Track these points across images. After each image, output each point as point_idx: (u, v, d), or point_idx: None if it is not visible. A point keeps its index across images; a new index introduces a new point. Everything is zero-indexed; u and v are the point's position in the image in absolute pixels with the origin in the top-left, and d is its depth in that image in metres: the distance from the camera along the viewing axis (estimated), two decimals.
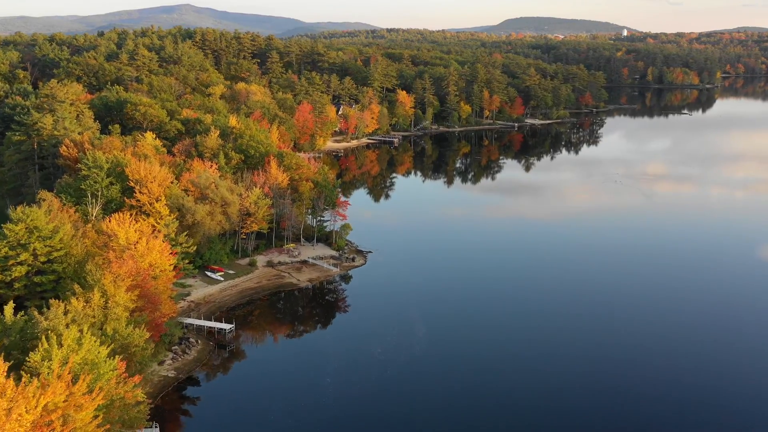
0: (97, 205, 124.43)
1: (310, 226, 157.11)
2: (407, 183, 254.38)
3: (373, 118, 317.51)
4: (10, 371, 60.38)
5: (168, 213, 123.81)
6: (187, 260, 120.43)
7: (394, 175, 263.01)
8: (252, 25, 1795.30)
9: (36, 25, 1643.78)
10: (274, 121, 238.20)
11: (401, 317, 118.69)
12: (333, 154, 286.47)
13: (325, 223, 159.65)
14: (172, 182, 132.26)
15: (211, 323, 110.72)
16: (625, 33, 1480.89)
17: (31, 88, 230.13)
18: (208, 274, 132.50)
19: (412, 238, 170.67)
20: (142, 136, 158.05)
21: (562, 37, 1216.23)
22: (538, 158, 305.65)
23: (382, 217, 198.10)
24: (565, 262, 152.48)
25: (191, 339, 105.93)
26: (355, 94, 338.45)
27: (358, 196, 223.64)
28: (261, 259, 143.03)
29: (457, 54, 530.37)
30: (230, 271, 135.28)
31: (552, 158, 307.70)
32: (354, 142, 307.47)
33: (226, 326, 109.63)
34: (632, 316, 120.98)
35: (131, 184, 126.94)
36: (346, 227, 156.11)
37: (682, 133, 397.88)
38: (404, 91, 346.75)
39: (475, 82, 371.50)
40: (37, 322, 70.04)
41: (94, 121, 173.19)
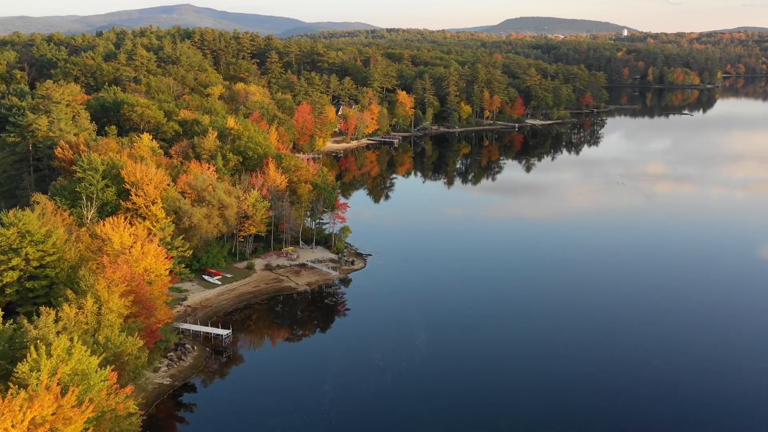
0: (93, 208, 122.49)
1: (309, 229, 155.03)
2: (407, 184, 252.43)
3: (372, 119, 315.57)
4: None
5: (164, 216, 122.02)
6: (184, 264, 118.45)
7: (394, 176, 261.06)
8: (252, 25, 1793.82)
9: (36, 25, 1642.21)
10: (273, 121, 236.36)
11: (401, 322, 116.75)
12: (332, 154, 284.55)
13: (324, 226, 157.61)
14: (169, 185, 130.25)
15: (208, 329, 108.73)
16: (626, 33, 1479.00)
17: (28, 89, 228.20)
18: (206, 278, 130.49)
19: (412, 240, 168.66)
20: (139, 137, 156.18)
21: (563, 37, 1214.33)
22: (539, 159, 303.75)
23: (381, 218, 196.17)
24: (566, 263, 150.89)
25: (187, 345, 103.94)
26: (354, 95, 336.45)
27: (358, 198, 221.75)
28: (259, 263, 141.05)
29: (457, 54, 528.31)
30: (228, 275, 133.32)
31: (553, 159, 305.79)
32: (354, 143, 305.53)
33: (223, 332, 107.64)
34: (633, 316, 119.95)
35: (127, 187, 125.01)
36: (345, 230, 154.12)
37: (683, 133, 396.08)
38: (404, 92, 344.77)
39: (475, 83, 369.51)
40: (26, 330, 68.08)
41: (91, 123, 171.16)
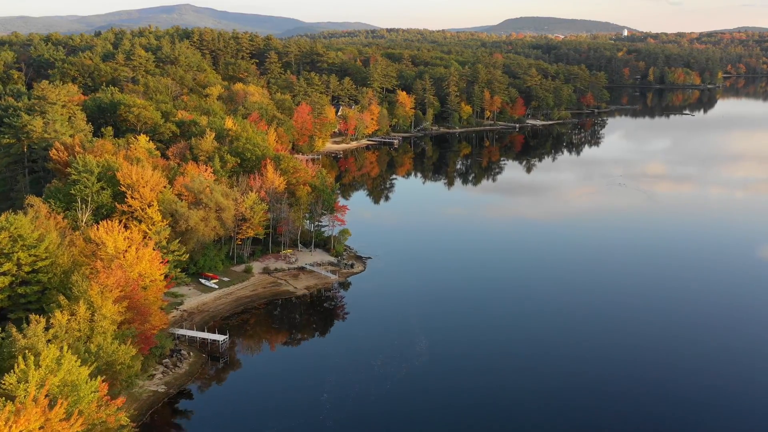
0: (87, 210, 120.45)
1: (307, 232, 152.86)
2: (407, 185, 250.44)
3: (372, 119, 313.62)
4: None
5: (160, 219, 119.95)
6: (180, 269, 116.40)
7: (393, 177, 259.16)
8: (252, 25, 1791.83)
9: (36, 25, 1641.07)
10: (272, 122, 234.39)
11: (401, 327, 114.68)
12: (332, 155, 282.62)
13: (323, 228, 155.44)
14: (165, 187, 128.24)
15: (205, 334, 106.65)
16: (626, 33, 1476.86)
17: (24, 89, 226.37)
18: (202, 281, 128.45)
19: (412, 242, 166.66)
20: (136, 138, 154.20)
21: (563, 37, 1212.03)
22: (540, 159, 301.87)
23: (381, 220, 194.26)
24: (568, 264, 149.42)
25: (183, 351, 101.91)
26: (354, 95, 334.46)
27: (358, 199, 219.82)
28: (257, 266, 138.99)
29: (457, 54, 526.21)
30: (225, 279, 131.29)
31: (553, 159, 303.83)
32: (353, 144, 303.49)
33: (220, 337, 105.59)
34: (636, 318, 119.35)
35: (123, 189, 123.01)
36: (344, 232, 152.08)
37: (684, 133, 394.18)
38: (404, 92, 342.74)
39: (475, 83, 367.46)
40: (15, 339, 66.07)
41: (87, 124, 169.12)
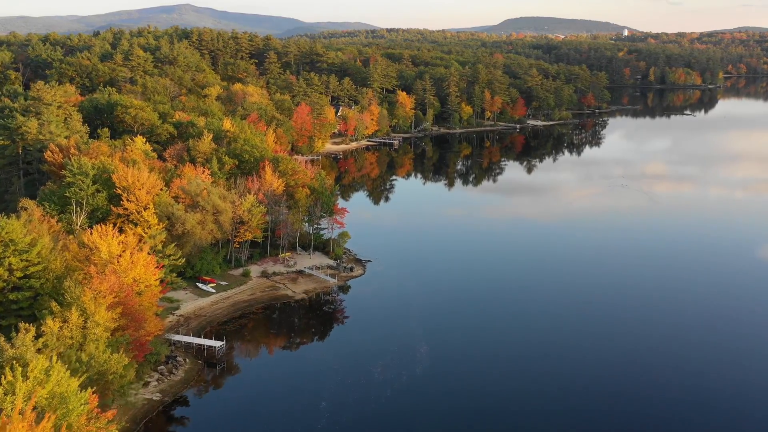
0: (82, 213, 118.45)
1: (306, 235, 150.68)
2: (407, 186, 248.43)
3: (372, 120, 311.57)
4: None
5: (156, 222, 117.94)
6: (175, 273, 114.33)
7: (394, 178, 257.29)
8: (252, 25, 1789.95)
9: (36, 25, 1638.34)
10: (271, 123, 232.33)
11: (401, 332, 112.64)
12: (332, 156, 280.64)
13: (323, 231, 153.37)
14: (162, 189, 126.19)
15: (201, 340, 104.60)
16: (626, 33, 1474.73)
17: (22, 90, 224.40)
18: (199, 285, 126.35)
19: (412, 245, 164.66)
20: (132, 140, 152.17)
21: (563, 37, 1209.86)
22: (541, 160, 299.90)
23: (381, 221, 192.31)
24: (570, 267, 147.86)
25: (179, 358, 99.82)
26: (354, 95, 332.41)
27: (358, 200, 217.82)
28: (255, 269, 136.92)
29: (457, 54, 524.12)
30: (222, 283, 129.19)
31: (554, 160, 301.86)
32: (353, 144, 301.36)
33: (217, 343, 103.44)
34: (641, 321, 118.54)
35: (118, 192, 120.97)
36: (344, 235, 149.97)
37: (685, 133, 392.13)
38: (404, 92, 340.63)
39: (476, 83, 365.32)
40: (2, 349, 64.00)
41: (83, 125, 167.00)
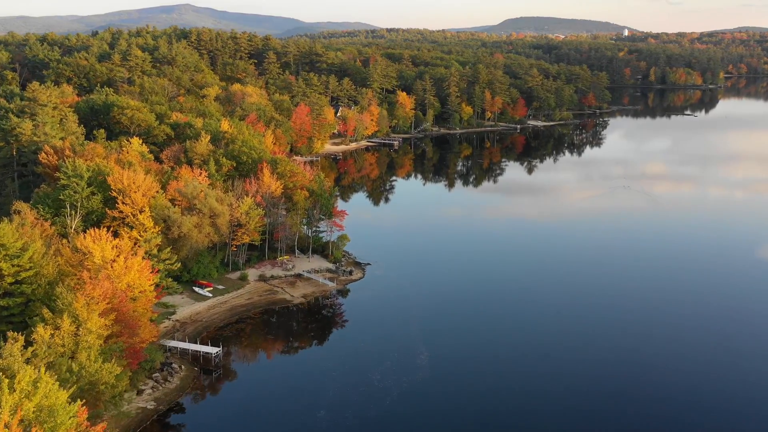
0: (77, 216, 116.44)
1: (305, 237, 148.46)
2: (407, 187, 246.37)
3: (372, 120, 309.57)
4: None
5: (152, 225, 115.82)
6: (171, 278, 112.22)
7: (393, 179, 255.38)
8: (252, 25, 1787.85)
9: (36, 25, 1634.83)
10: (270, 123, 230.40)
11: (401, 337, 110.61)
12: (331, 157, 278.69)
13: (321, 234, 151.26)
14: (158, 192, 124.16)
15: (197, 346, 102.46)
16: (626, 33, 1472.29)
17: (18, 90, 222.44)
18: (196, 289, 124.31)
19: (413, 247, 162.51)
20: (129, 141, 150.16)
21: (563, 36, 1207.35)
22: (541, 160, 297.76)
23: (381, 223, 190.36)
24: (573, 269, 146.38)
25: (174, 364, 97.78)
26: (354, 96, 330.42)
27: (357, 201, 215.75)
28: (253, 273, 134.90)
29: (457, 54, 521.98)
30: (219, 286, 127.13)
31: (555, 161, 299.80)
32: (353, 145, 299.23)
33: (213, 350, 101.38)
34: (644, 322, 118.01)
35: (113, 194, 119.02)
36: (343, 238, 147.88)
37: (687, 133, 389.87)
38: (404, 93, 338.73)
39: (476, 83, 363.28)
40: None
41: (79, 126, 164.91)
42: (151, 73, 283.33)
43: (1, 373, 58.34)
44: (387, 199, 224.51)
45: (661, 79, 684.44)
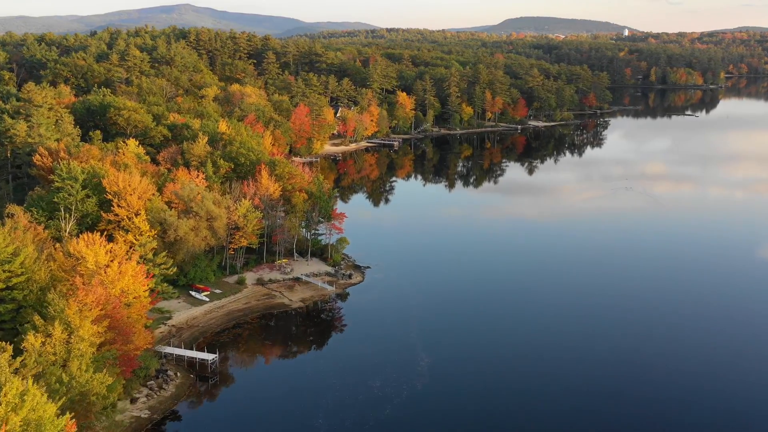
0: (71, 220, 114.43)
1: (304, 240, 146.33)
2: (407, 187, 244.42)
3: (372, 121, 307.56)
4: None
5: (148, 228, 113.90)
6: (167, 283, 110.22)
7: (393, 180, 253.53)
8: (252, 24, 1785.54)
9: (35, 25, 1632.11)
10: (269, 124, 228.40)
11: (402, 343, 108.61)
12: (331, 158, 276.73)
13: (320, 237, 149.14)
14: (154, 194, 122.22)
15: (193, 353, 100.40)
16: (627, 33, 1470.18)
17: (15, 90, 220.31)
18: (193, 293, 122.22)
19: (413, 249, 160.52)
20: (125, 143, 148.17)
21: (563, 36, 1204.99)
22: (542, 161, 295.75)
23: (381, 225, 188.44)
24: (576, 272, 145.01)
25: (170, 372, 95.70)
26: (353, 96, 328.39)
27: (357, 203, 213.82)
28: (251, 277, 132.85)
29: (458, 54, 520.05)
30: (217, 291, 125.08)
31: (556, 161, 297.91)
32: (353, 146, 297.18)
33: (209, 356, 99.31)
34: (645, 323, 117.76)
35: (109, 197, 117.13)
36: (342, 241, 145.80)
37: (688, 133, 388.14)
38: (404, 93, 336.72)
39: (477, 83, 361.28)
40: None
41: (75, 127, 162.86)
42: (149, 74, 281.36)
43: None
44: (387, 201, 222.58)
45: (661, 79, 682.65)
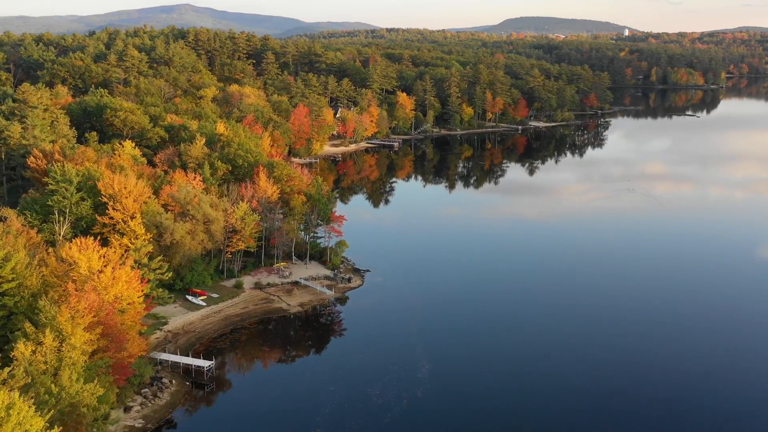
0: (66, 223, 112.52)
1: (302, 243, 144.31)
2: (408, 188, 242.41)
3: (372, 121, 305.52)
4: None
5: (144, 232, 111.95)
6: (161, 288, 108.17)
7: (393, 181, 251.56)
8: (252, 24, 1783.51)
9: (35, 25, 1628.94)
10: (268, 125, 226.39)
11: (401, 349, 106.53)
12: (330, 159, 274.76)
13: (319, 240, 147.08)
14: (150, 197, 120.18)
15: (189, 359, 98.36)
16: (627, 33, 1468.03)
17: (11, 91, 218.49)
18: (189, 298, 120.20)
19: (413, 252, 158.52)
20: (121, 144, 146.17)
21: (563, 36, 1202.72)
22: (543, 162, 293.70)
23: (381, 227, 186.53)
24: (577, 274, 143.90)
25: (165, 379, 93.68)
26: (353, 97, 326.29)
27: (356, 204, 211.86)
28: (248, 280, 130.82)
29: (458, 54, 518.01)
30: (214, 295, 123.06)
31: (557, 162, 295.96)
32: (352, 147, 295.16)
33: (206, 363, 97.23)
34: (647, 323, 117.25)
35: (104, 200, 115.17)
36: (341, 244, 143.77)
37: (690, 134, 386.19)
38: (404, 93, 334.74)
39: (477, 84, 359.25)
40: None
41: (71, 129, 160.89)
42: (147, 74, 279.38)
43: None
44: (387, 202, 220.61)
45: (662, 79, 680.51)
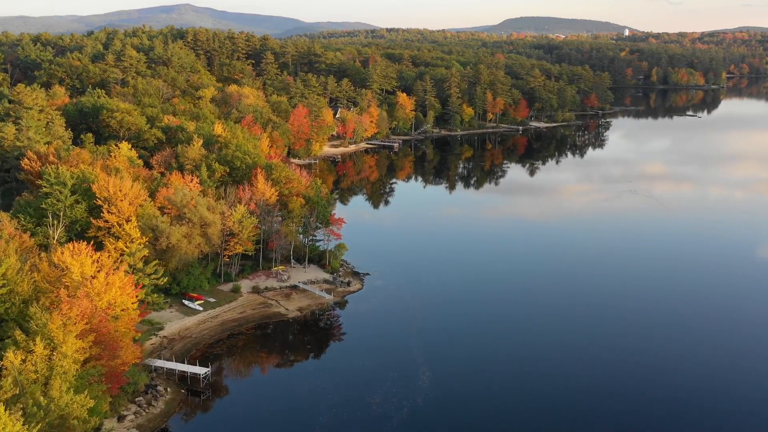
0: (60, 226, 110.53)
1: (301, 246, 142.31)
2: (408, 189, 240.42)
3: (371, 122, 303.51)
4: None
5: (139, 235, 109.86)
6: (156, 294, 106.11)
7: (393, 182, 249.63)
8: (252, 24, 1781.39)
9: (35, 25, 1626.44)
10: (267, 125, 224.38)
11: (402, 355, 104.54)
12: (330, 159, 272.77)
13: (318, 243, 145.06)
14: (146, 200, 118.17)
15: (185, 366, 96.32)
16: (627, 33, 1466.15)
17: (8, 92, 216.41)
18: (186, 302, 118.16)
19: (413, 255, 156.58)
20: (117, 146, 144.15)
21: (564, 36, 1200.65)
22: (544, 162, 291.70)
23: (380, 229, 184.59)
24: (579, 275, 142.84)
25: (160, 387, 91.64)
26: (353, 97, 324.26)
27: (356, 206, 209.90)
28: (246, 284, 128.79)
29: (458, 54, 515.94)
30: (211, 299, 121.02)
31: (558, 162, 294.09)
32: (352, 147, 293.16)
33: (201, 370, 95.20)
34: (648, 324, 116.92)
35: (99, 203, 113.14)
36: (340, 247, 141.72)
37: (691, 134, 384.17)
38: (404, 93, 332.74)
39: (477, 84, 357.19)
40: None
41: (66, 130, 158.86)
42: (145, 74, 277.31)
43: None
44: (387, 203, 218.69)
45: (663, 79, 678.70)
